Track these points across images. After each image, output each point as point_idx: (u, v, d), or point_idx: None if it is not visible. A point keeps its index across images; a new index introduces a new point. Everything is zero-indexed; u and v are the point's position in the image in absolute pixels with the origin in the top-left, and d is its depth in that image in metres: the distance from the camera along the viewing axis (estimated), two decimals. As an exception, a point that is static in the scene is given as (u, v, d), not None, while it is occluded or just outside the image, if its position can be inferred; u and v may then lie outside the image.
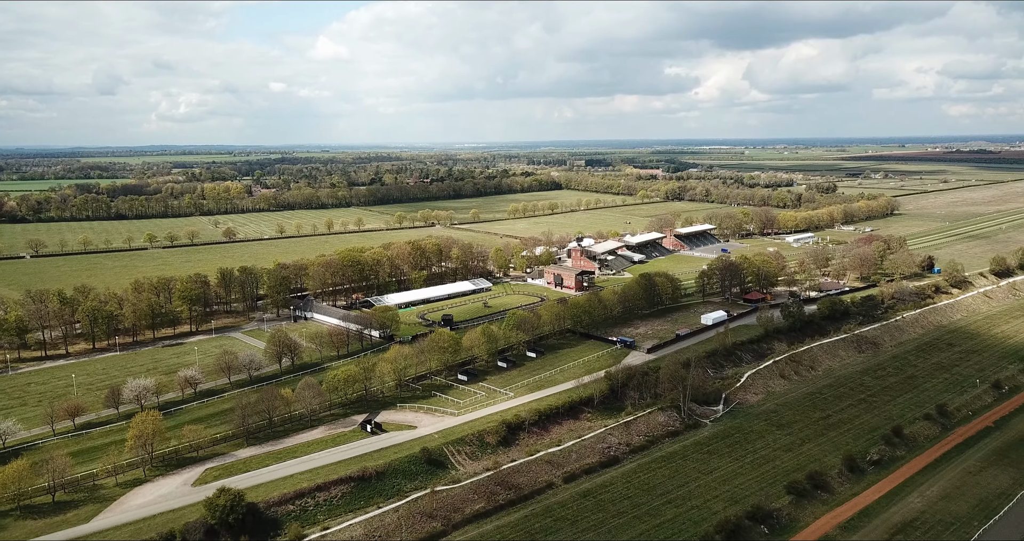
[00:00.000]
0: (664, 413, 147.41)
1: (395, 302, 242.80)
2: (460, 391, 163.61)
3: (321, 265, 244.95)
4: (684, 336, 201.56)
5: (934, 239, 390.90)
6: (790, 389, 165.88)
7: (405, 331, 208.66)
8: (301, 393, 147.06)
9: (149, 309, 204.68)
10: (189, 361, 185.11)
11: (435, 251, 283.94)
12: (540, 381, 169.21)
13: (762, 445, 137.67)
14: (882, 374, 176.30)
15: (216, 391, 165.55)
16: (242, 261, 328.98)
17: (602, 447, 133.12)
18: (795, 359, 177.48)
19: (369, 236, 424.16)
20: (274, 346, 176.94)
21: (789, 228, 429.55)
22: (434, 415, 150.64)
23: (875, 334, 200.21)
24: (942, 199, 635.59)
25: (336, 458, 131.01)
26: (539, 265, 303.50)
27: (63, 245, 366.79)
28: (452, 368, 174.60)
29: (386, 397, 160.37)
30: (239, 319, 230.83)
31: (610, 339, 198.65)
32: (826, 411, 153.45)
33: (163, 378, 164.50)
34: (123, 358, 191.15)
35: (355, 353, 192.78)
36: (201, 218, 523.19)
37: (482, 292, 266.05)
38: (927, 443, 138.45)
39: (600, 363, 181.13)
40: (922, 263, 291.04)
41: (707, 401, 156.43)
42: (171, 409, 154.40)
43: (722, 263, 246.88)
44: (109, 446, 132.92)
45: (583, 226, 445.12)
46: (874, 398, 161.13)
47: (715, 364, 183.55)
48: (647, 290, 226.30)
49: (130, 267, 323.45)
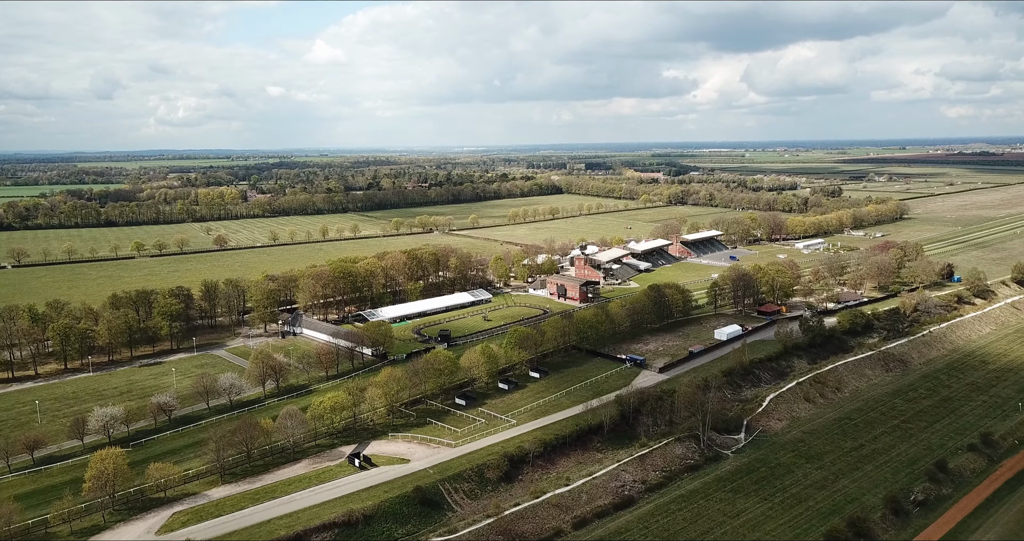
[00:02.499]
0: (682, 444, 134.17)
1: (390, 316, 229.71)
2: (458, 418, 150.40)
3: (311, 277, 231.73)
4: (697, 353, 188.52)
5: (947, 245, 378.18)
6: (816, 414, 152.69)
7: (399, 349, 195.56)
8: (283, 423, 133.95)
9: (126, 326, 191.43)
10: (166, 384, 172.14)
11: (432, 261, 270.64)
12: (545, 405, 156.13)
13: (791, 481, 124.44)
14: (914, 396, 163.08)
15: (193, 418, 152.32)
16: (232, 270, 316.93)
17: (615, 486, 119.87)
18: (820, 380, 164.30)
19: (365, 243, 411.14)
20: (258, 368, 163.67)
21: (798, 233, 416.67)
22: (429, 446, 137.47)
23: (902, 351, 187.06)
24: (950, 202, 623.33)
25: (320, 498, 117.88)
26: (541, 274, 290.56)
27: (46, 254, 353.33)
28: (449, 391, 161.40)
29: (377, 425, 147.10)
30: (224, 335, 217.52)
31: (619, 357, 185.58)
32: (858, 440, 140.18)
33: (135, 404, 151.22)
34: (96, 380, 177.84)
35: (346, 373, 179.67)
36: (193, 225, 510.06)
37: (481, 304, 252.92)
38: (975, 479, 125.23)
39: (609, 384, 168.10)
40: (941, 271, 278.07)
41: (727, 428, 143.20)
42: (142, 440, 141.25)
43: (735, 274, 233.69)
44: (69, 484, 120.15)
45: (585, 232, 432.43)
46: (909, 424, 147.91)
47: (732, 384, 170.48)
48: (656, 303, 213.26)
49: (115, 278, 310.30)
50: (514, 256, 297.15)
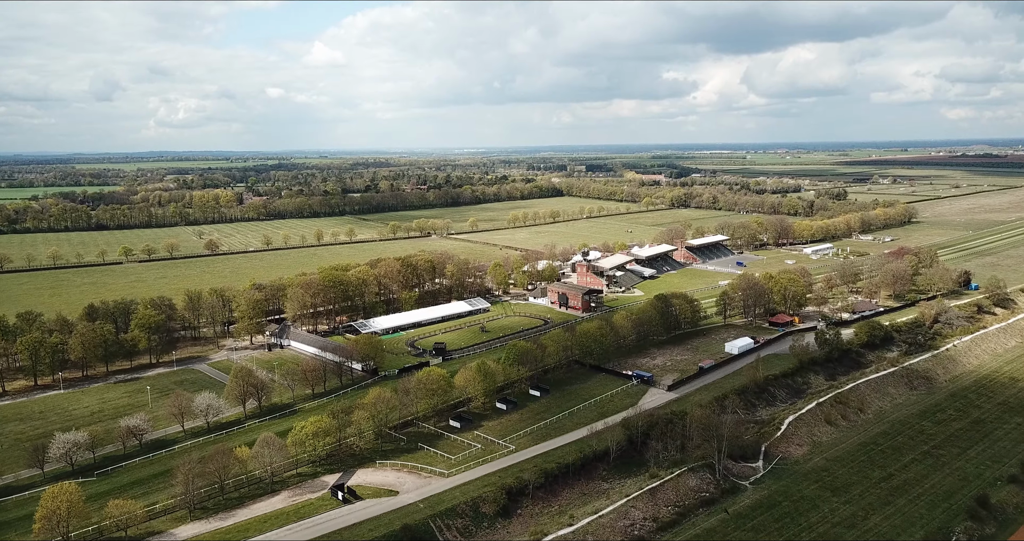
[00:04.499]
0: (695, 474, 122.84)
1: (383, 326, 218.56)
2: (451, 442, 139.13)
3: (301, 286, 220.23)
4: (708, 369, 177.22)
5: (959, 250, 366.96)
6: (839, 438, 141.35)
7: (391, 363, 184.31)
8: (260, 451, 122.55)
9: (101, 340, 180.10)
10: (141, 402, 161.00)
11: (427, 268, 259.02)
12: (546, 428, 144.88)
13: (817, 518, 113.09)
14: (943, 418, 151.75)
15: (166, 442, 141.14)
16: (222, 277, 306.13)
17: (624, 525, 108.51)
18: (841, 400, 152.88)
19: (360, 248, 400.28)
20: (238, 386, 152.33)
21: (805, 238, 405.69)
22: (419, 475, 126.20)
23: (926, 366, 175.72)
24: (957, 205, 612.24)
25: (298, 537, 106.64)
26: (542, 281, 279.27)
27: (30, 260, 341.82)
28: (442, 413, 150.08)
29: (364, 450, 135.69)
30: (207, 348, 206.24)
31: (625, 373, 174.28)
32: (887, 469, 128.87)
33: (102, 427, 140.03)
34: (67, 398, 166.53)
35: (334, 391, 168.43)
36: (186, 228, 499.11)
37: (479, 313, 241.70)
38: (1020, 516, 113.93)
39: (614, 404, 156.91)
40: (958, 279, 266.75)
41: (744, 455, 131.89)
42: (108, 468, 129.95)
43: (745, 284, 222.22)
44: (23, 521, 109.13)
45: (587, 236, 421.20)
46: (940, 451, 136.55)
47: (746, 403, 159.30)
48: (663, 314, 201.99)
49: (99, 284, 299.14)
50: (514, 262, 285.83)
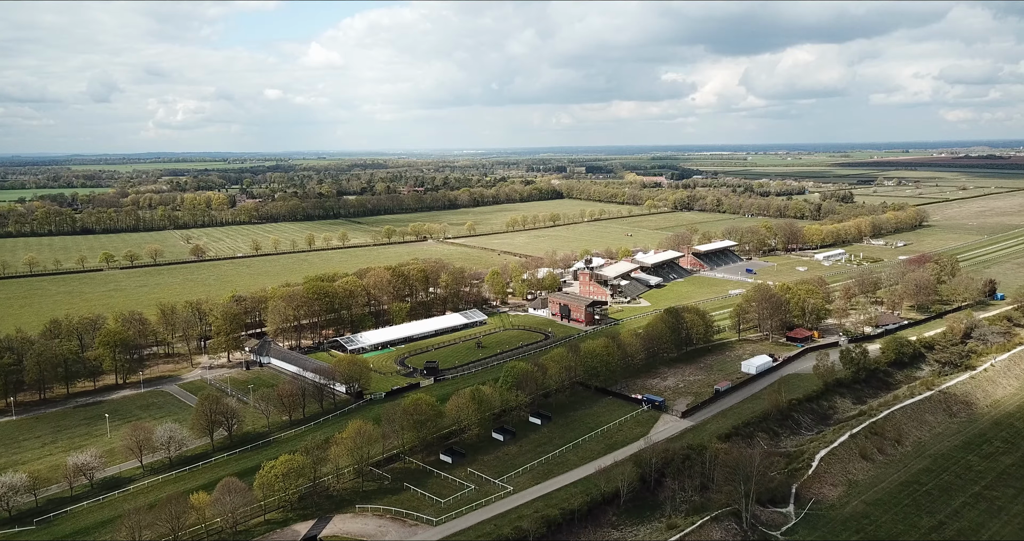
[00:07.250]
0: (719, 525, 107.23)
1: (371, 341, 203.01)
2: (442, 481, 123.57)
3: (283, 298, 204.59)
4: (724, 392, 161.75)
5: (977, 255, 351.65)
6: (877, 476, 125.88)
7: (378, 385, 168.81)
8: (220, 499, 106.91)
9: (60, 359, 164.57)
10: (99, 431, 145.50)
11: (420, 278, 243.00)
12: (548, 464, 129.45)
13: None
14: (990, 451, 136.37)
15: (122, 480, 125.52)
16: (205, 285, 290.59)
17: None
18: (876, 431, 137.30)
19: (353, 253, 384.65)
20: (204, 414, 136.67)
21: (815, 243, 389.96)
22: (404, 523, 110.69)
23: (965, 390, 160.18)
24: (967, 208, 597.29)
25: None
26: (542, 290, 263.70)
27: (5, 267, 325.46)
28: (432, 445, 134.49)
29: (342, 492, 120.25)
30: (180, 366, 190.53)
31: (634, 398, 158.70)
32: (936, 515, 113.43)
33: (49, 463, 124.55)
34: (18, 426, 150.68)
35: (314, 417, 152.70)
36: (174, 233, 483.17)
37: (475, 326, 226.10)
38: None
39: (623, 433, 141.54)
40: (984, 288, 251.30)
41: (772, 498, 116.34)
42: (50, 514, 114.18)
43: (761, 296, 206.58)
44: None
45: (588, 240, 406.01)
46: (994, 492, 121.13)
47: (769, 432, 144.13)
48: (674, 330, 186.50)
49: (75, 293, 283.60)
50: (512, 269, 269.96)
